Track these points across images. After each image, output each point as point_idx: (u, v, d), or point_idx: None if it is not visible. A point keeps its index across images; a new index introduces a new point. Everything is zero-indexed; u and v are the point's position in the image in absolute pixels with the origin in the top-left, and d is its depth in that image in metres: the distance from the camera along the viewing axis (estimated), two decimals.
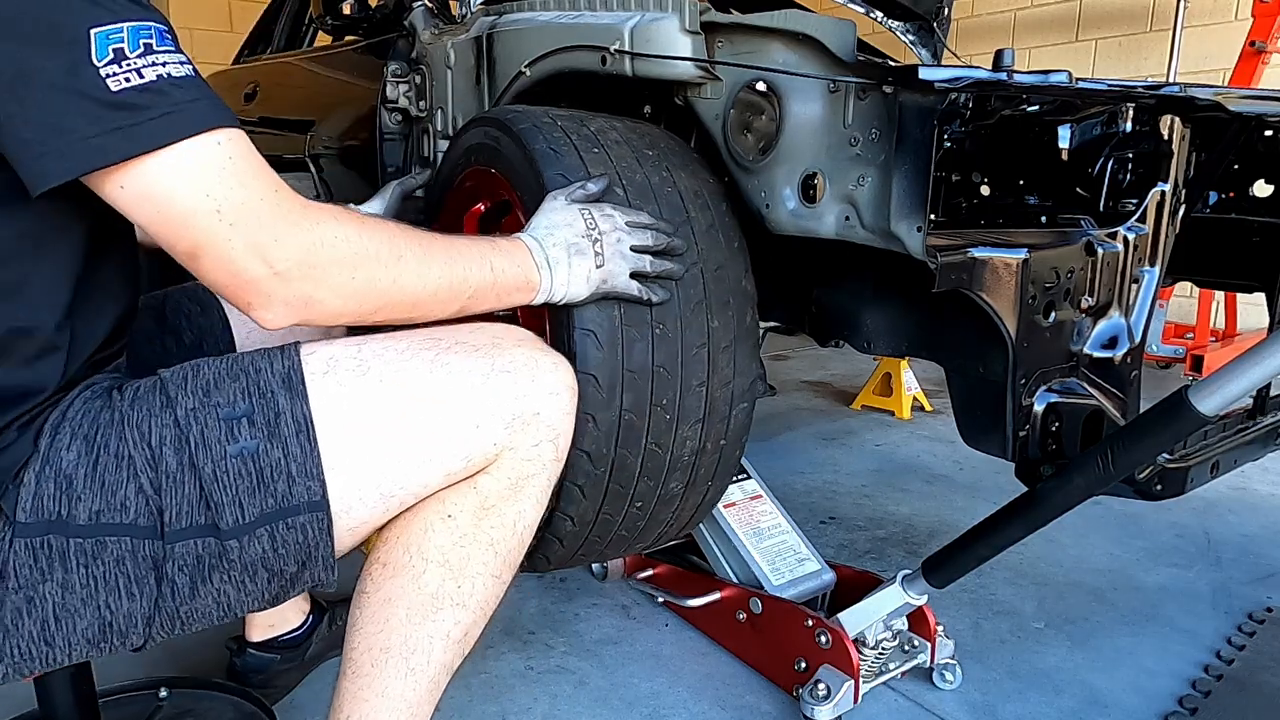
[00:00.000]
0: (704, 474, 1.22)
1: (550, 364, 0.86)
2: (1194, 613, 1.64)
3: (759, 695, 1.36)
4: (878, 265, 1.28)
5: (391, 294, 0.81)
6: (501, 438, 0.82)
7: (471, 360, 0.82)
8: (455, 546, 0.84)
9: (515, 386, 0.83)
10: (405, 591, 0.85)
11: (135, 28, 0.67)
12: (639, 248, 1.03)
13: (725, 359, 1.16)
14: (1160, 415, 0.93)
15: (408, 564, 0.84)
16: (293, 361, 0.79)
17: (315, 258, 0.75)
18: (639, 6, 1.31)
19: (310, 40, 3.14)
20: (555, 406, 0.85)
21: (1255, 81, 3.24)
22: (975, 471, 2.41)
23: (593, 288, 0.99)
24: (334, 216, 0.77)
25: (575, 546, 1.22)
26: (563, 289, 0.98)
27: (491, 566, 0.86)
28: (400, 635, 0.85)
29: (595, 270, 0.99)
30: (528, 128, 1.17)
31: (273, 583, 0.79)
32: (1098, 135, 1.31)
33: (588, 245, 0.99)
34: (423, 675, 0.86)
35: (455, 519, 0.84)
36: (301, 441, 0.76)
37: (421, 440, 0.79)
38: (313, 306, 0.76)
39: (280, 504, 0.75)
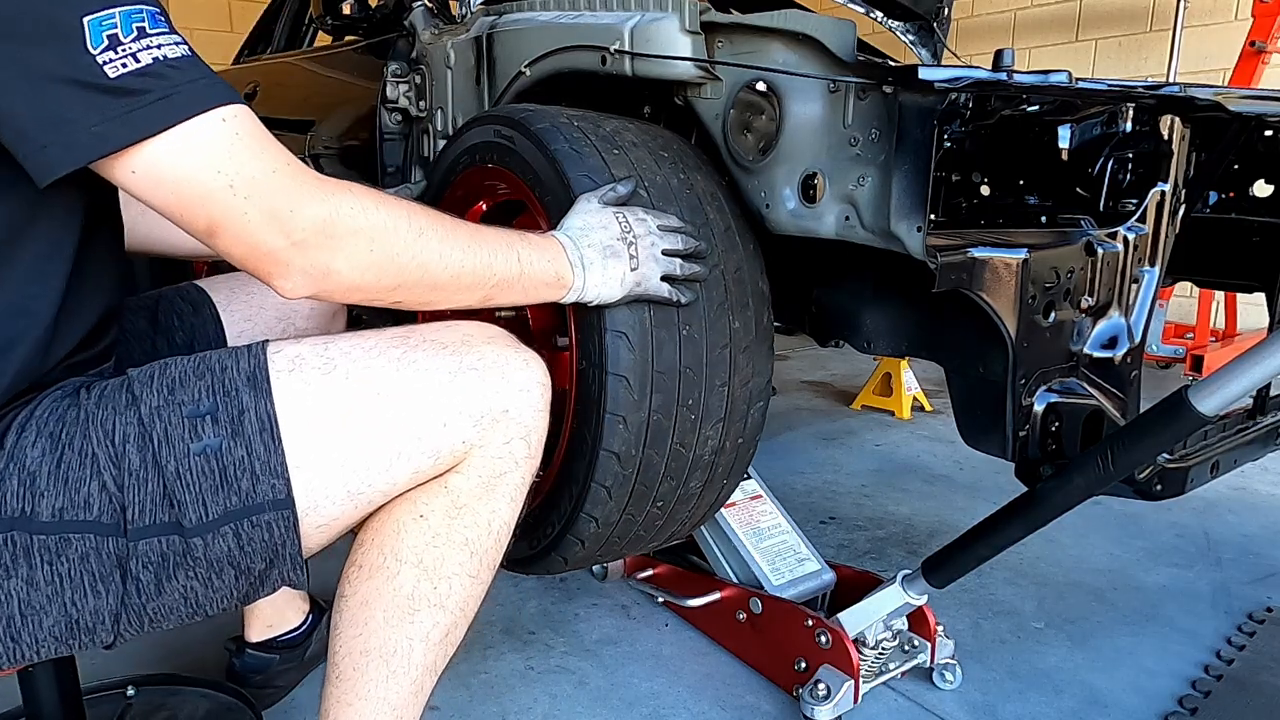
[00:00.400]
0: (721, 472, 1.24)
1: (521, 361, 0.85)
2: (1194, 613, 1.64)
3: (759, 695, 1.36)
4: (878, 265, 1.29)
5: (411, 271, 0.81)
6: (471, 435, 0.82)
7: (440, 358, 0.82)
8: (429, 547, 0.84)
9: (484, 384, 0.82)
10: (381, 594, 0.84)
11: (127, 12, 0.67)
12: (670, 251, 1.04)
13: (745, 359, 1.17)
14: (1160, 415, 0.93)
15: (382, 566, 0.84)
16: (258, 359, 0.79)
17: (332, 228, 0.75)
18: (639, 6, 1.31)
19: (310, 40, 3.14)
20: (526, 404, 0.84)
21: (1255, 81, 3.24)
22: (975, 471, 2.41)
23: (627, 290, 1.01)
24: (350, 189, 0.77)
25: (596, 548, 1.23)
26: (595, 290, 0.99)
27: (468, 566, 0.86)
28: (379, 638, 0.85)
29: (630, 273, 1.01)
30: (546, 127, 1.18)
31: (240, 580, 0.79)
32: (1098, 135, 1.31)
33: (623, 248, 1.01)
34: (404, 677, 0.85)
35: (428, 519, 0.84)
36: (265, 440, 0.75)
37: (388, 438, 0.79)
38: (331, 277, 0.77)
39: (244, 502, 0.75)
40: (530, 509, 1.29)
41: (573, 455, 1.16)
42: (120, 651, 1.44)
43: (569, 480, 1.18)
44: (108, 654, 1.42)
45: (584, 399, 1.13)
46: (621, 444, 1.09)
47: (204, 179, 0.69)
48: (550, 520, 1.23)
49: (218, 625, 1.40)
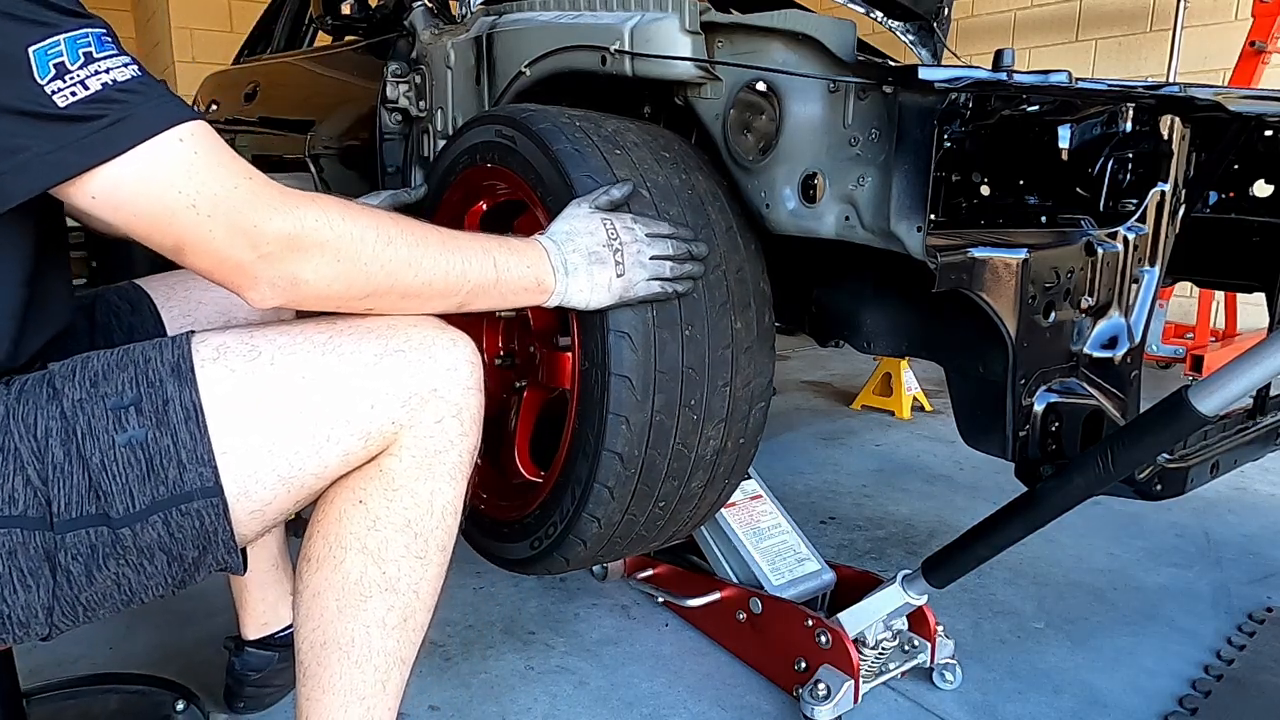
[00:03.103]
0: (723, 472, 1.24)
1: (448, 340, 0.86)
2: (1194, 613, 1.64)
3: (759, 695, 1.36)
4: (878, 265, 1.29)
5: (380, 280, 0.82)
6: (399, 416, 0.82)
7: (365, 341, 0.82)
8: (370, 531, 0.84)
9: (411, 364, 0.83)
10: (330, 583, 0.85)
11: (72, 39, 0.67)
12: (659, 256, 1.05)
13: (747, 359, 1.17)
14: (1160, 415, 0.93)
15: (328, 555, 0.85)
16: (182, 350, 0.79)
17: (298, 240, 0.76)
18: (639, 6, 1.32)
19: (310, 40, 3.14)
20: (454, 382, 0.85)
21: (1255, 81, 3.24)
22: (975, 471, 2.41)
23: (614, 296, 1.02)
24: (315, 200, 0.78)
25: (598, 548, 1.23)
26: (581, 295, 1.00)
27: (413, 548, 0.86)
28: (335, 628, 0.85)
29: (616, 280, 1.02)
30: (548, 127, 1.18)
31: (173, 567, 0.79)
32: (1098, 135, 1.31)
33: (609, 254, 1.01)
34: (368, 665, 0.86)
35: (366, 504, 0.84)
36: (191, 428, 0.76)
37: (315, 422, 0.79)
38: (299, 287, 0.78)
39: (172, 491, 0.75)
40: (532, 509, 1.29)
41: (575, 455, 1.16)
42: (119, 653, 1.44)
43: (571, 480, 1.18)
44: (106, 655, 1.42)
45: (586, 399, 1.13)
46: (624, 444, 1.10)
47: (165, 200, 0.70)
48: (552, 520, 1.23)
49: (219, 625, 1.40)
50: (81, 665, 1.40)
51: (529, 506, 1.29)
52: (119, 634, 1.50)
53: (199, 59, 5.32)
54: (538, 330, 1.37)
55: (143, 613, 1.57)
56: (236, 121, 3.12)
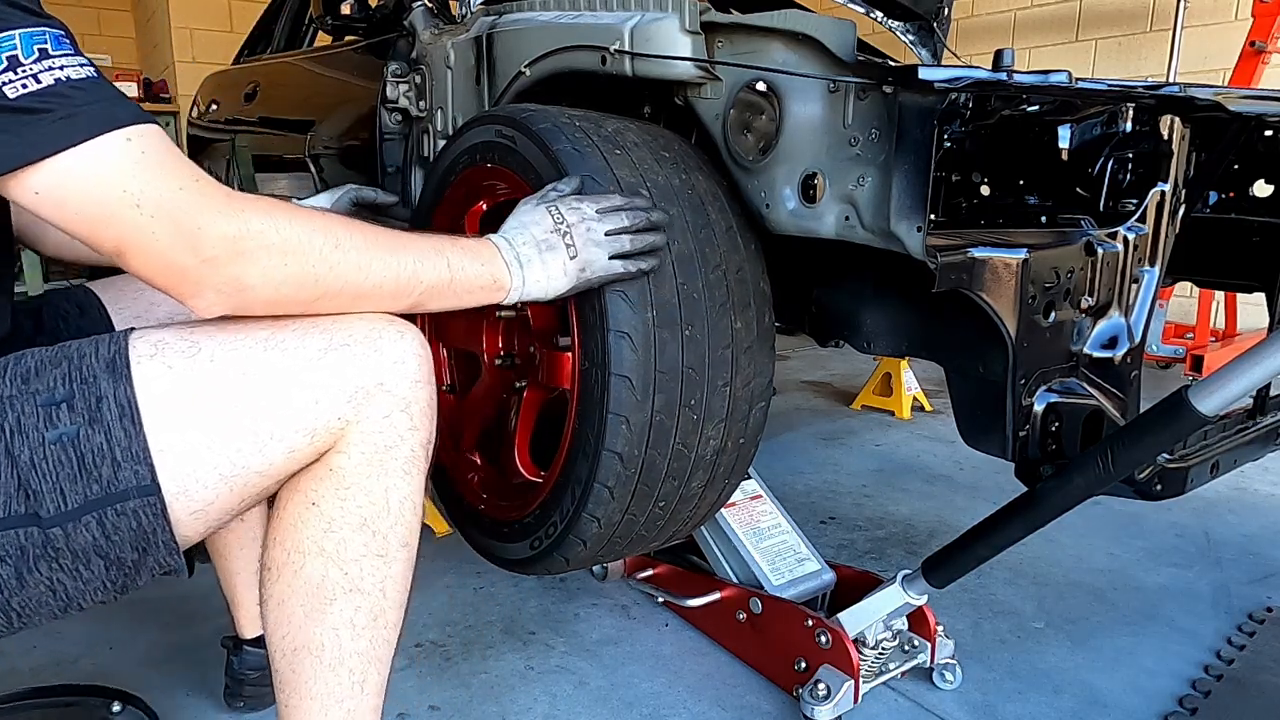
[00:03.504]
0: (723, 472, 1.24)
1: (395, 333, 0.84)
2: (1194, 613, 1.64)
3: (759, 695, 1.36)
4: (878, 265, 1.29)
5: (330, 283, 0.80)
6: (345, 411, 0.81)
7: (308, 337, 0.81)
8: (326, 533, 0.83)
9: (355, 359, 0.81)
10: (293, 589, 0.84)
11: (28, 34, 0.67)
12: (614, 231, 1.04)
13: (747, 359, 1.17)
14: (1160, 415, 0.93)
15: (287, 561, 0.84)
16: (119, 346, 0.78)
17: (243, 244, 0.74)
18: (639, 6, 1.32)
19: (310, 40, 3.14)
20: (401, 375, 0.83)
21: (1255, 81, 3.24)
22: (975, 471, 2.41)
23: (572, 280, 1.01)
24: (261, 204, 0.77)
25: (598, 548, 1.23)
26: (538, 285, 0.99)
27: (373, 546, 0.85)
28: (304, 634, 0.84)
29: (570, 262, 1.01)
30: (548, 127, 1.18)
31: (111, 570, 0.78)
32: (1098, 135, 1.31)
33: (557, 239, 1.01)
34: (341, 668, 0.85)
35: (319, 505, 0.83)
36: (125, 425, 0.74)
37: (257, 418, 0.78)
38: (245, 293, 0.76)
39: (106, 489, 0.73)
40: (532, 509, 1.29)
41: (575, 455, 1.16)
42: (120, 652, 1.44)
43: (571, 480, 1.18)
44: (101, 658, 1.43)
45: (586, 399, 1.13)
46: (624, 444, 1.10)
47: (109, 198, 0.69)
48: (552, 520, 1.23)
49: (220, 625, 1.40)
50: (82, 665, 1.40)
51: (529, 506, 1.29)
52: (119, 634, 1.50)
53: (199, 59, 5.32)
54: (538, 330, 1.37)
55: (143, 612, 1.57)
56: (236, 121, 3.12)
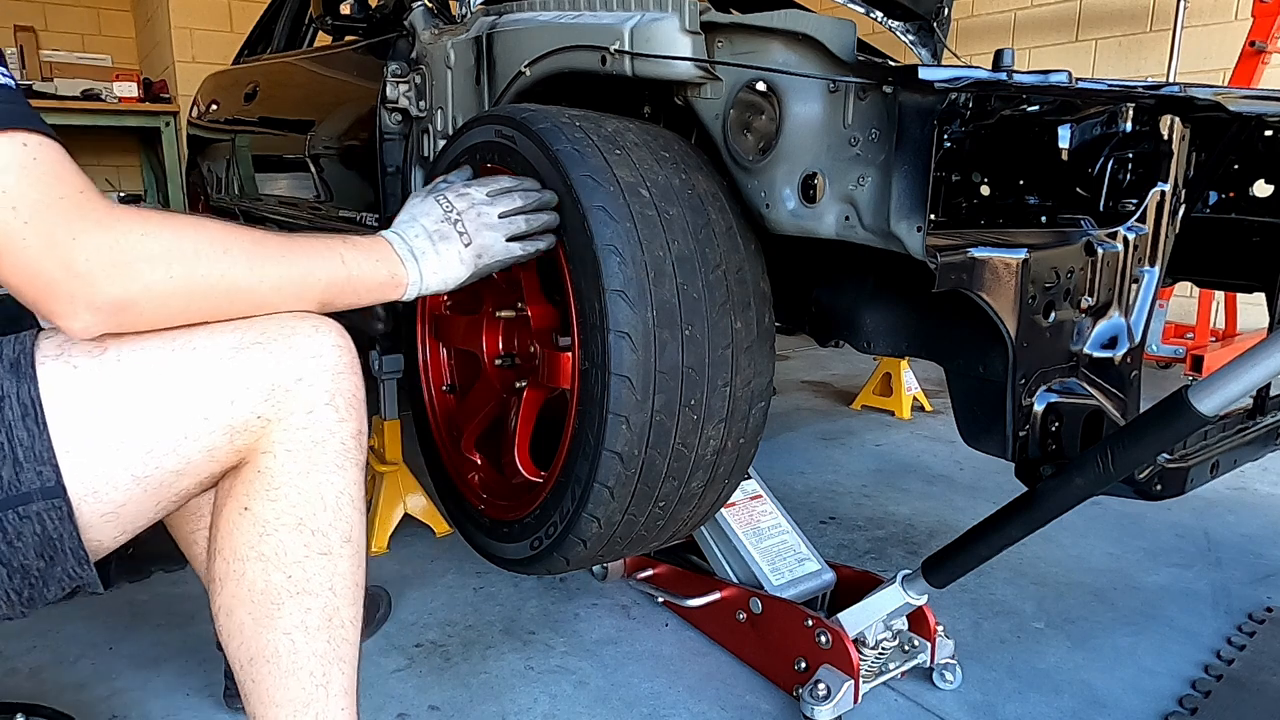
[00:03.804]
0: (723, 472, 1.24)
1: (310, 328, 0.83)
2: (1194, 613, 1.64)
3: (759, 695, 1.36)
4: (878, 265, 1.29)
5: (222, 289, 0.79)
6: (264, 409, 0.80)
7: (219, 336, 0.79)
8: (262, 537, 0.82)
9: (270, 356, 0.80)
10: (238, 598, 0.83)
11: None
12: (508, 213, 1.05)
13: (747, 359, 1.17)
14: (1160, 415, 0.93)
15: (228, 571, 0.83)
16: (24, 346, 0.76)
17: (120, 255, 0.72)
18: (639, 6, 1.32)
19: (310, 40, 3.14)
20: (320, 369, 0.82)
21: (1255, 81, 3.24)
22: (975, 471, 2.41)
23: (470, 268, 1.02)
24: (142, 213, 0.75)
25: (598, 548, 1.23)
26: (436, 277, 1.00)
27: (314, 545, 0.83)
28: (257, 642, 0.83)
29: (465, 249, 1.02)
30: (548, 127, 1.18)
31: (14, 579, 0.75)
32: (1098, 135, 1.31)
33: (449, 228, 1.02)
34: (301, 672, 0.84)
35: (252, 509, 0.82)
36: (29, 425, 0.72)
37: (169, 418, 0.76)
38: (127, 310, 0.73)
39: (7, 491, 0.71)
40: (532, 509, 1.29)
41: (575, 455, 1.16)
42: (120, 653, 1.44)
43: (571, 480, 1.18)
44: (100, 658, 1.43)
45: (586, 399, 1.13)
46: (624, 444, 1.10)
47: None
48: (552, 520, 1.23)
49: None
50: (81, 665, 1.40)
51: (529, 506, 1.29)
52: (119, 634, 1.50)
53: (199, 59, 5.32)
54: (538, 330, 1.37)
55: (143, 612, 1.57)
56: (236, 121, 3.12)
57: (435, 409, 1.64)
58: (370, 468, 1.89)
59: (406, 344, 1.66)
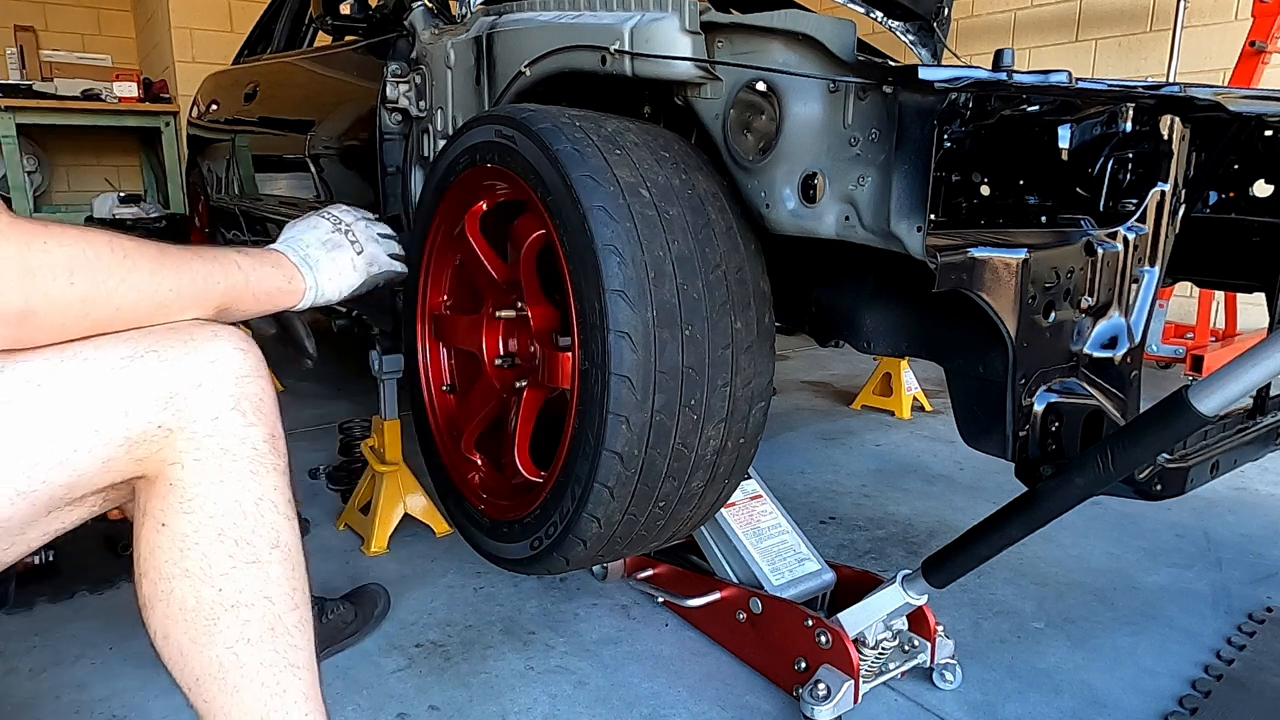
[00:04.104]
0: (723, 472, 1.24)
1: (208, 333, 0.82)
2: (1194, 613, 1.64)
3: (759, 695, 1.36)
4: (878, 265, 1.29)
5: (124, 296, 0.78)
6: (164, 419, 0.77)
7: (109, 347, 0.78)
8: (184, 553, 0.80)
9: (166, 363, 0.78)
10: (171, 618, 0.81)
11: None
12: (384, 233, 1.11)
13: (747, 359, 1.17)
14: (1160, 415, 0.93)
15: (156, 592, 0.81)
16: None
17: (22, 266, 0.71)
18: (639, 6, 1.32)
19: (310, 40, 3.14)
20: (222, 373, 0.80)
21: (1255, 81, 3.24)
22: (975, 471, 2.41)
23: (361, 276, 1.07)
24: (42, 224, 0.75)
25: (598, 547, 1.23)
26: (332, 284, 1.03)
27: (240, 555, 0.81)
28: (199, 661, 0.81)
29: (358, 257, 1.06)
30: (548, 127, 1.18)
31: None
32: (1098, 135, 1.31)
33: (341, 238, 1.06)
34: (253, 683, 0.82)
35: (169, 525, 0.80)
36: None
37: (55, 432, 0.74)
38: (28, 320, 0.72)
39: None
40: (532, 509, 1.29)
41: (575, 455, 1.16)
42: (119, 653, 1.44)
43: (571, 480, 1.18)
44: (100, 658, 1.43)
45: (586, 399, 1.13)
46: (624, 444, 1.10)
47: None
48: (552, 520, 1.23)
49: None
50: (81, 665, 1.40)
51: (529, 506, 1.29)
52: (119, 635, 1.50)
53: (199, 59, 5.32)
54: (538, 330, 1.37)
55: None
56: (236, 121, 3.12)
57: (435, 409, 1.64)
58: (370, 468, 1.89)
59: (406, 344, 1.66)
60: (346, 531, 1.93)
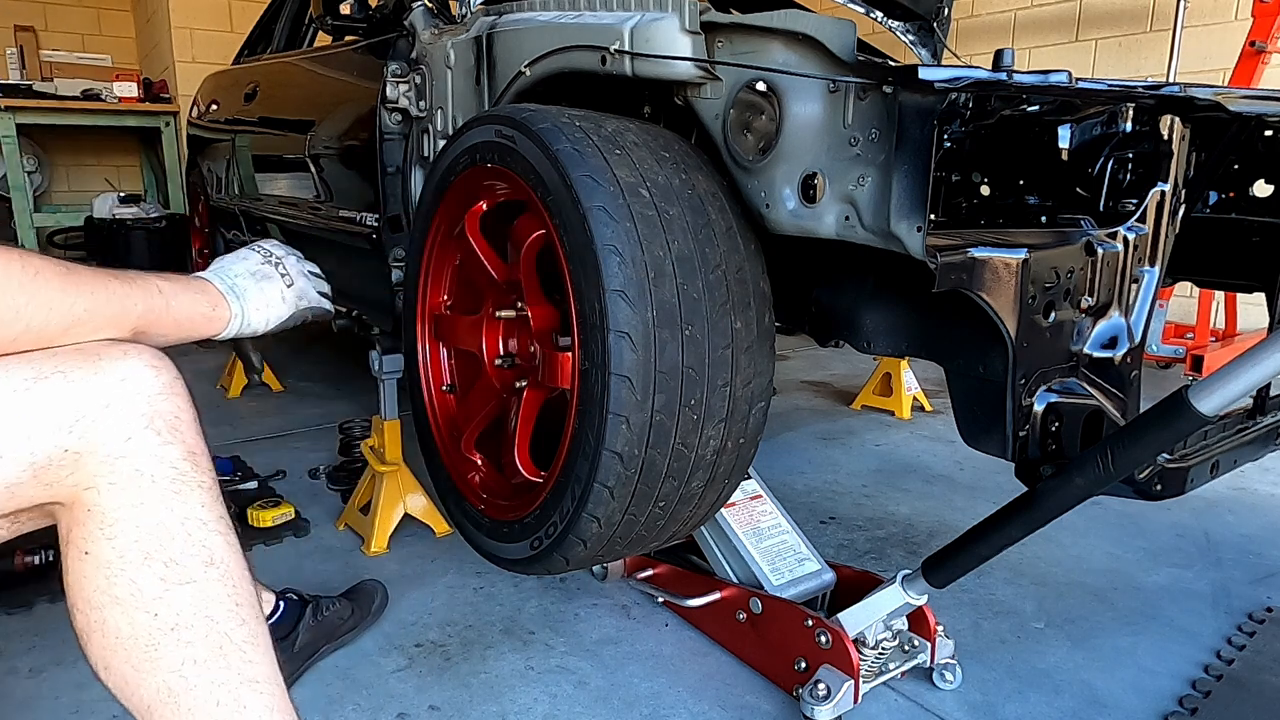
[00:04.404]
0: (723, 472, 1.24)
1: (118, 352, 0.80)
2: (1194, 613, 1.64)
3: (759, 695, 1.36)
4: (878, 265, 1.29)
5: (33, 315, 0.76)
6: (69, 442, 0.75)
7: (14, 368, 0.75)
8: (111, 580, 0.77)
9: (71, 384, 0.76)
10: (109, 648, 0.79)
11: None
12: (315, 271, 1.12)
13: (747, 359, 1.17)
14: (1160, 415, 0.93)
15: (89, 623, 0.79)
16: None
17: None
18: (639, 6, 1.32)
19: (310, 40, 3.14)
20: (131, 392, 0.78)
21: (1255, 81, 3.24)
22: (975, 471, 2.41)
23: (291, 308, 1.07)
24: None
25: (598, 547, 1.23)
26: (259, 314, 1.04)
27: (172, 576, 0.79)
28: (145, 689, 0.79)
29: (288, 290, 1.07)
30: (548, 127, 1.18)
31: None
32: (1098, 135, 1.31)
33: (271, 270, 1.07)
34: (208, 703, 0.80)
35: (94, 554, 0.77)
36: None
37: None
38: None
39: None
40: (532, 509, 1.29)
41: (575, 455, 1.16)
42: None
43: (571, 480, 1.18)
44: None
45: (586, 399, 1.13)
46: (624, 444, 1.10)
47: None
48: (552, 520, 1.23)
49: None
50: (81, 665, 1.39)
51: (529, 506, 1.29)
52: None
53: (199, 59, 5.32)
54: (538, 330, 1.37)
55: None
56: (236, 121, 3.12)
57: (435, 409, 1.64)
58: (370, 468, 1.89)
59: (406, 344, 1.66)
60: (346, 531, 1.93)
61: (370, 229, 2.01)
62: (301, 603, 1.40)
